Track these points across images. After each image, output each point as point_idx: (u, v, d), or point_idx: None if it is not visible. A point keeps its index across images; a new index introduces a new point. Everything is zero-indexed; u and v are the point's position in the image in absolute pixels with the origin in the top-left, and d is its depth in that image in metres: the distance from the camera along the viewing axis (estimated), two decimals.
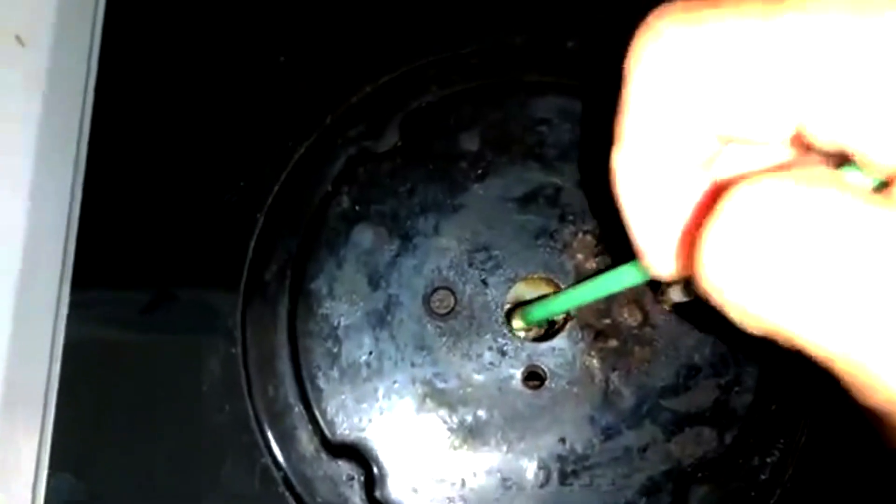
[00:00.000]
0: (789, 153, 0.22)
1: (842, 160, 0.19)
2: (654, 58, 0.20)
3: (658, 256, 0.24)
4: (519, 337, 0.41)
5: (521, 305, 0.42)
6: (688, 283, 0.39)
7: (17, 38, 0.48)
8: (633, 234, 0.24)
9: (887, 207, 0.17)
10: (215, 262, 0.43)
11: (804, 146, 0.20)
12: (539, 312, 0.40)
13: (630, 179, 0.23)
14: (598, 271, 0.42)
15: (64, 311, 0.43)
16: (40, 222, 0.46)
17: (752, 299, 0.18)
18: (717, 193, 0.21)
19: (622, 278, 0.32)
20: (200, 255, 0.44)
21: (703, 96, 0.20)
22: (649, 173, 0.23)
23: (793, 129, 0.19)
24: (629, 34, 0.45)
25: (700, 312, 0.41)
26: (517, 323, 0.42)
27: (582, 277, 0.42)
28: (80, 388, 0.42)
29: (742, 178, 0.19)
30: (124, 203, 0.44)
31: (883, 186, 0.18)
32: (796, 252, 0.17)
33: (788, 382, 0.42)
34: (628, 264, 0.31)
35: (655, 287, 0.41)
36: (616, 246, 0.42)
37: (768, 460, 0.41)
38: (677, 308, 0.41)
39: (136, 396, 0.42)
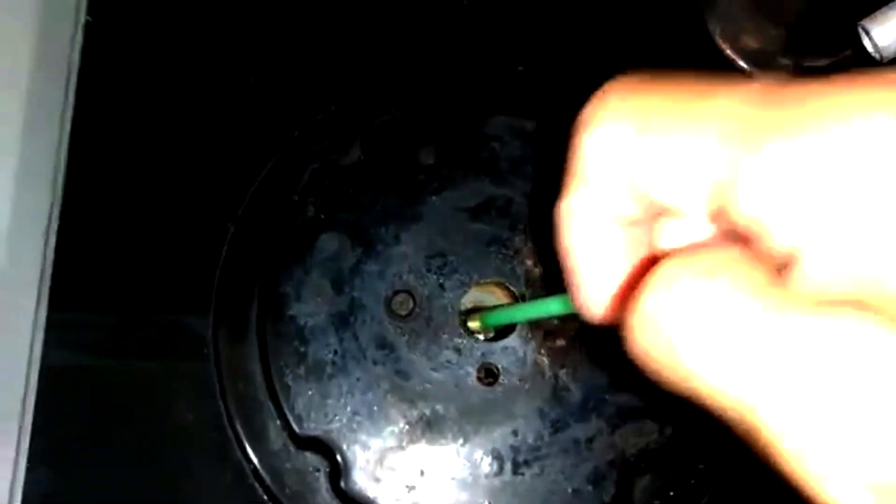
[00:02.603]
0: (712, 229, 0.24)
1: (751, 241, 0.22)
2: (598, 135, 0.23)
3: (589, 301, 0.26)
4: (474, 337, 0.44)
5: (475, 311, 0.44)
6: None
7: None
8: (571, 275, 0.26)
9: (768, 302, 0.20)
10: (188, 268, 0.46)
11: (722, 223, 0.23)
12: (489, 320, 0.43)
13: (572, 228, 0.25)
14: (545, 276, 0.45)
15: (41, 328, 0.45)
16: (18, 246, 0.47)
17: (666, 370, 0.21)
18: (649, 263, 0.24)
19: (553, 307, 0.33)
20: (174, 262, 0.46)
21: (633, 168, 0.22)
22: (589, 225, 0.25)
23: (710, 204, 0.22)
24: (574, 62, 0.48)
25: None
26: (473, 324, 0.44)
27: (531, 281, 0.45)
28: (58, 389, 0.44)
29: (670, 253, 0.22)
30: (102, 216, 0.46)
31: (781, 268, 0.20)
32: (701, 332, 0.20)
33: None
34: (559, 297, 0.32)
35: None
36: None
37: (707, 451, 0.44)
38: None
39: (111, 395, 0.44)
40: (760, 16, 0.48)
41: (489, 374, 0.44)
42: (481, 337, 0.45)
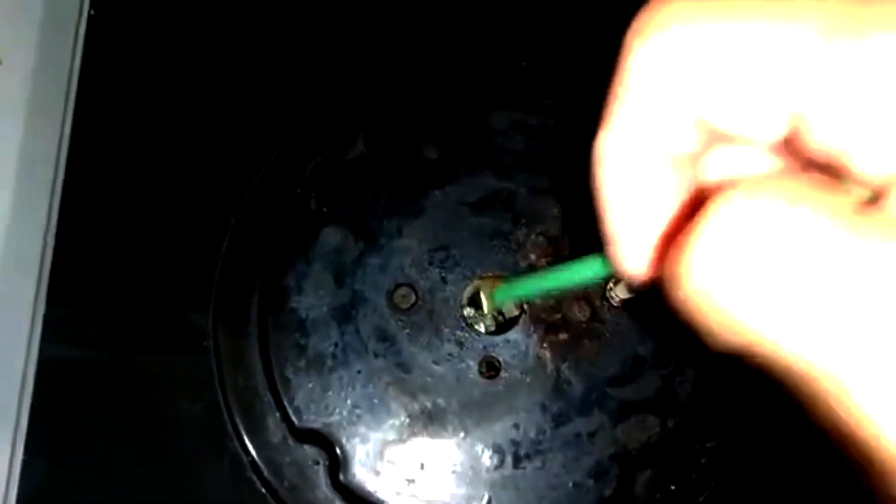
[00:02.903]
0: (774, 161, 0.21)
1: (828, 171, 0.19)
2: (655, 46, 0.20)
3: (632, 254, 0.22)
4: (476, 330, 0.44)
5: (478, 303, 0.44)
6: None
7: None
8: (609, 224, 0.23)
9: (860, 230, 0.17)
10: (190, 262, 0.46)
11: (793, 153, 0.20)
12: (504, 293, 0.41)
13: (613, 166, 0.22)
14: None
15: (39, 323, 0.45)
16: (17, 240, 0.47)
17: (730, 311, 0.18)
18: (697, 200, 0.21)
19: (587, 270, 0.29)
20: (176, 254, 0.46)
21: (701, 85, 0.19)
22: (634, 161, 0.21)
23: (784, 132, 0.19)
24: (578, 57, 0.48)
25: (645, 307, 0.44)
26: (485, 302, 0.43)
27: None
28: (56, 382, 0.44)
29: (725, 185, 0.19)
30: (102, 208, 0.46)
31: (872, 200, 0.18)
32: (773, 270, 0.17)
33: (727, 372, 0.44)
34: (593, 257, 0.28)
35: (605, 283, 0.44)
36: (566, 248, 0.45)
37: (708, 446, 0.44)
38: (624, 304, 0.44)
39: (110, 388, 0.44)
40: None
41: (491, 368, 0.44)
42: (482, 329, 0.44)
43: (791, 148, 0.19)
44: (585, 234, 0.44)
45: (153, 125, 0.47)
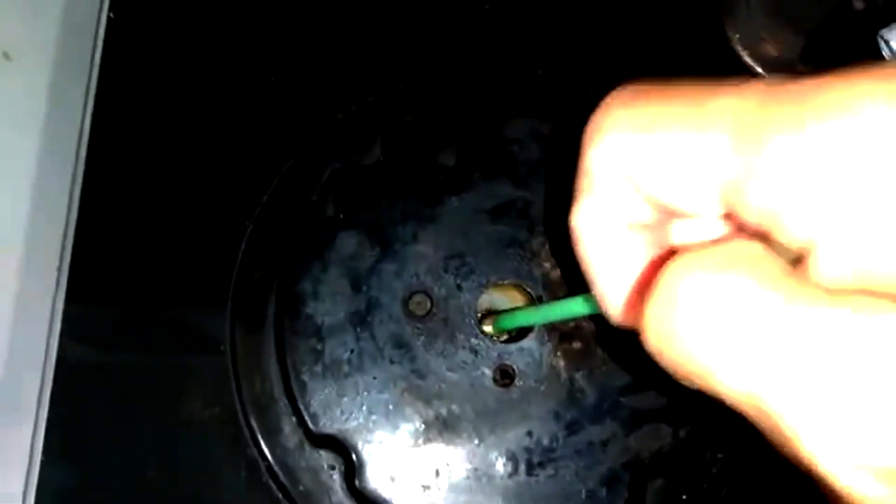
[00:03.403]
0: (723, 225, 0.25)
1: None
2: (605, 145, 0.24)
3: (611, 306, 0.26)
4: (490, 338, 0.44)
5: (492, 314, 0.45)
6: None
7: (5, 54, 0.49)
8: (592, 284, 0.27)
9: (790, 293, 0.20)
10: (206, 267, 0.46)
11: (734, 224, 0.23)
12: (506, 323, 0.43)
13: (586, 235, 0.26)
14: (563, 279, 0.45)
15: (58, 321, 0.45)
16: (36, 243, 0.47)
17: (681, 366, 0.21)
18: (663, 259, 0.24)
19: (575, 308, 0.33)
20: (192, 259, 0.46)
21: (643, 175, 0.23)
22: (603, 231, 0.25)
23: (721, 210, 0.22)
24: (592, 67, 0.49)
25: None
26: (488, 327, 0.45)
27: (548, 284, 0.45)
28: (75, 385, 0.44)
29: (682, 249, 0.22)
30: (120, 214, 0.47)
31: (797, 261, 0.21)
32: (714, 328, 0.20)
33: None
34: (583, 297, 0.32)
35: None
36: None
37: (719, 455, 0.44)
38: None
39: (127, 390, 0.45)
40: (780, 23, 0.48)
41: (505, 376, 0.44)
42: (497, 337, 0.45)
43: (732, 218, 0.23)
44: None
45: (172, 130, 0.48)
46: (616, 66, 0.49)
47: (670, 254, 0.22)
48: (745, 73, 0.49)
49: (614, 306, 0.26)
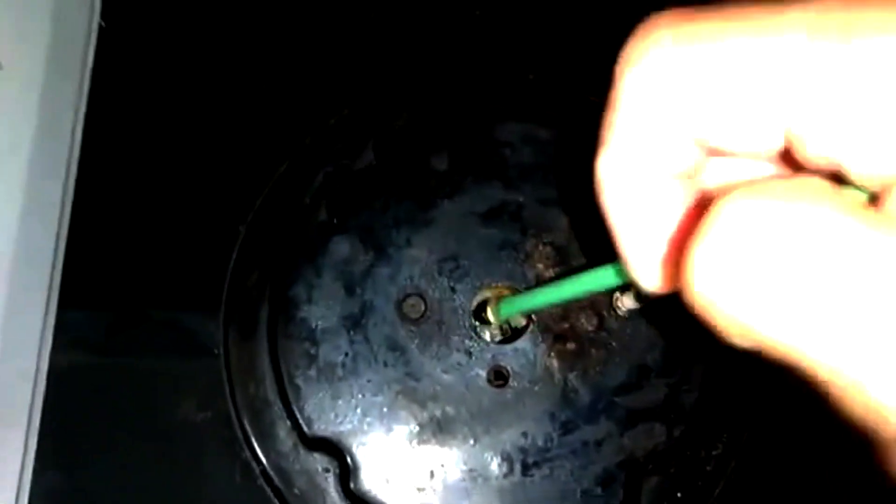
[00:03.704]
0: (774, 167, 0.22)
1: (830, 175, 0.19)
2: (645, 67, 0.20)
3: (644, 269, 0.23)
4: (484, 339, 0.44)
5: (496, 301, 0.44)
6: (638, 290, 0.42)
7: None
8: (619, 244, 0.23)
9: (873, 223, 0.17)
10: (199, 272, 0.46)
11: (791, 162, 0.20)
12: (511, 307, 0.42)
13: (614, 186, 0.22)
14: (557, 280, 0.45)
15: (51, 328, 0.45)
16: (28, 248, 0.47)
17: (741, 314, 0.18)
18: (702, 206, 0.21)
19: (602, 279, 0.30)
20: (185, 265, 0.46)
21: (693, 106, 0.20)
22: (634, 180, 0.22)
23: (781, 144, 0.19)
24: (584, 70, 0.49)
25: (651, 317, 0.45)
26: (491, 316, 0.44)
27: (542, 286, 0.45)
28: (67, 391, 0.44)
29: (728, 189, 0.19)
30: (112, 219, 0.47)
31: (874, 199, 0.18)
32: (784, 268, 0.17)
33: (732, 381, 0.45)
34: (608, 266, 0.28)
35: (611, 293, 0.44)
36: (574, 259, 0.45)
37: (713, 453, 0.45)
38: (630, 313, 0.44)
39: (120, 395, 0.45)
40: None
41: (499, 377, 0.44)
42: (488, 337, 0.45)
43: (788, 158, 0.19)
44: (593, 245, 0.45)
45: (164, 135, 0.48)
46: (608, 70, 0.49)
47: (710, 198, 0.19)
48: None
49: (646, 266, 0.23)
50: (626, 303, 0.44)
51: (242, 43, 0.49)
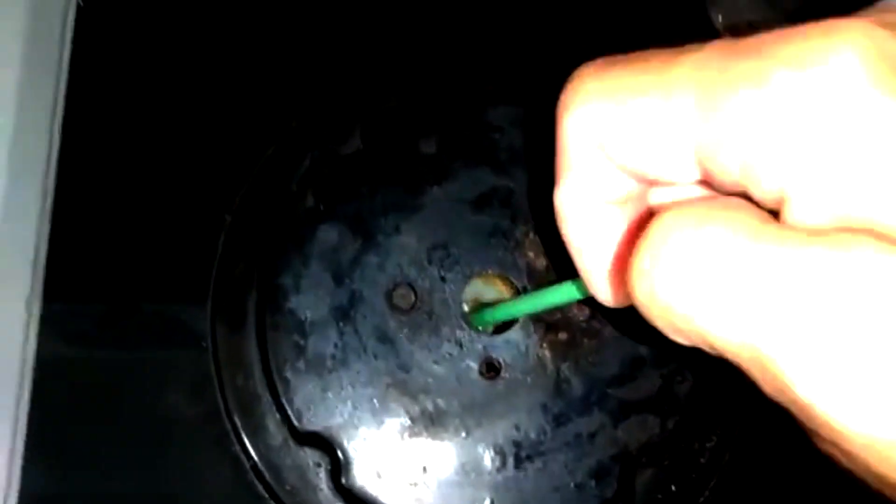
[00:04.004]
0: (702, 192, 0.25)
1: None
2: (575, 115, 0.23)
3: (598, 283, 0.26)
4: (476, 330, 0.44)
5: (477, 308, 0.44)
6: None
7: None
8: (577, 264, 0.27)
9: (767, 233, 0.20)
10: (185, 262, 0.45)
11: (713, 185, 0.23)
12: (489, 316, 0.42)
13: (569, 214, 0.26)
14: (548, 268, 0.44)
15: (36, 321, 0.44)
16: (11, 239, 0.46)
17: (673, 315, 0.21)
18: (641, 223, 0.24)
19: (566, 293, 0.33)
20: (170, 254, 0.45)
21: (616, 144, 0.23)
22: (584, 208, 0.25)
23: (699, 171, 0.22)
24: (575, 52, 0.48)
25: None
26: (476, 320, 0.44)
27: (533, 274, 0.44)
28: (55, 384, 0.43)
29: (661, 209, 0.22)
30: (96, 208, 0.46)
31: (775, 212, 0.21)
32: (700, 274, 0.20)
33: (727, 373, 0.44)
34: (571, 282, 0.32)
35: None
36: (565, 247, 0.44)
37: (707, 445, 0.44)
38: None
39: (108, 388, 0.44)
40: (764, 6, 0.48)
41: (491, 368, 0.43)
42: (480, 328, 0.44)
43: (708, 183, 0.23)
44: None
45: (146, 121, 0.46)
46: (598, 53, 0.48)
47: (650, 216, 0.22)
48: None
49: (600, 281, 0.26)
50: None
51: (225, 26, 0.48)
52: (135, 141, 0.46)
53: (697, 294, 0.20)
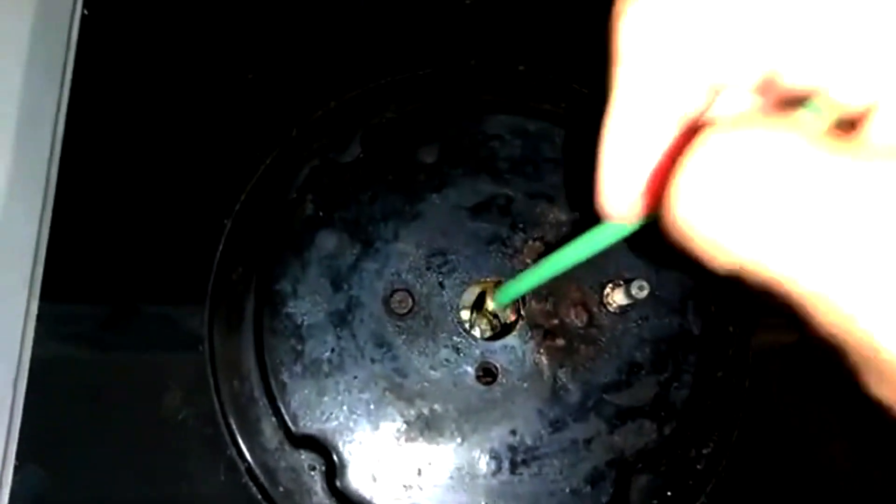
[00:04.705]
0: (756, 101, 0.23)
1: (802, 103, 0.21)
2: (636, 13, 0.22)
3: (620, 195, 0.25)
4: (473, 335, 0.44)
5: (497, 285, 0.43)
6: (628, 286, 0.42)
7: None
8: (603, 173, 0.25)
9: (838, 150, 0.18)
10: (184, 266, 0.45)
11: (771, 93, 0.22)
12: (514, 289, 0.40)
13: (617, 129, 0.24)
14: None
15: (33, 319, 0.44)
16: (10, 242, 0.46)
17: (720, 235, 0.19)
18: (686, 136, 0.23)
19: (583, 248, 0.31)
20: (170, 258, 0.45)
21: (684, 44, 0.21)
22: (637, 121, 0.23)
23: (766, 72, 0.21)
24: (575, 61, 0.48)
25: (641, 314, 0.44)
26: (490, 303, 0.44)
27: None
28: (50, 383, 0.43)
29: (714, 121, 0.20)
30: (95, 212, 0.46)
31: (848, 126, 0.20)
32: (760, 192, 0.19)
33: (723, 379, 0.44)
34: (588, 234, 0.30)
35: (602, 290, 0.44)
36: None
37: (704, 452, 0.44)
38: (621, 310, 0.44)
39: (105, 393, 0.44)
40: None
41: (488, 374, 0.43)
42: (477, 333, 0.44)
43: (769, 88, 0.21)
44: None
45: (147, 127, 0.47)
46: (598, 61, 0.48)
47: (697, 130, 0.21)
48: None
49: (627, 192, 0.24)
50: (617, 299, 0.44)
51: (227, 35, 0.49)
52: (136, 147, 0.47)
53: (758, 206, 0.18)
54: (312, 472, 0.43)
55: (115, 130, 0.47)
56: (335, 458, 0.42)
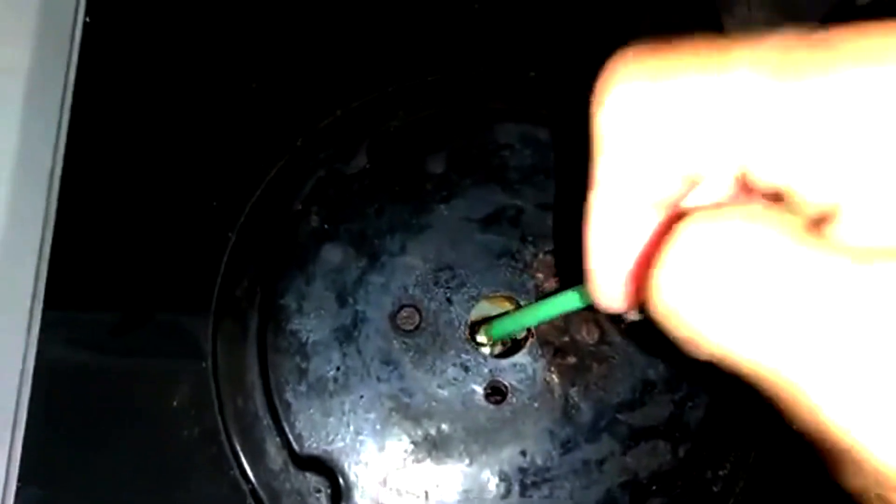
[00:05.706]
0: (734, 192, 0.23)
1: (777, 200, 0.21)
2: (615, 98, 0.22)
3: (608, 287, 0.26)
4: (482, 353, 0.43)
5: (483, 322, 0.43)
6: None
7: None
8: (590, 265, 0.26)
9: (812, 246, 0.19)
10: (187, 279, 0.44)
11: (746, 187, 0.22)
12: (499, 329, 0.41)
13: (601, 216, 0.25)
14: (558, 291, 0.43)
15: (36, 329, 0.44)
16: (13, 242, 0.46)
17: (698, 325, 0.20)
18: (668, 226, 0.23)
19: (571, 301, 0.33)
20: (173, 271, 0.45)
21: (659, 128, 0.21)
22: (619, 209, 0.24)
23: (737, 171, 0.21)
24: (586, 66, 0.47)
25: (655, 330, 0.43)
26: (481, 337, 0.43)
27: (542, 296, 0.43)
28: (51, 400, 0.43)
29: (691, 211, 0.21)
30: (98, 223, 0.45)
31: (816, 223, 0.20)
32: (734, 283, 0.19)
33: (740, 397, 0.43)
34: (575, 289, 0.32)
35: None
36: (575, 266, 0.43)
37: (720, 473, 0.43)
38: (633, 326, 0.43)
39: (106, 409, 0.43)
40: (780, 20, 0.47)
41: (497, 392, 0.42)
42: (487, 351, 0.43)
43: (743, 183, 0.21)
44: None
45: (150, 138, 0.46)
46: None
47: (679, 218, 0.21)
48: None
49: (609, 284, 0.25)
50: (629, 315, 0.42)
51: (231, 44, 0.47)
52: (139, 158, 0.46)
53: (730, 301, 0.19)
54: (318, 495, 0.42)
55: (118, 140, 0.46)
56: (341, 480, 0.41)
